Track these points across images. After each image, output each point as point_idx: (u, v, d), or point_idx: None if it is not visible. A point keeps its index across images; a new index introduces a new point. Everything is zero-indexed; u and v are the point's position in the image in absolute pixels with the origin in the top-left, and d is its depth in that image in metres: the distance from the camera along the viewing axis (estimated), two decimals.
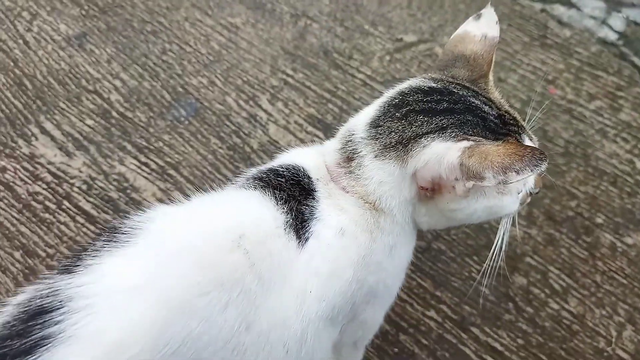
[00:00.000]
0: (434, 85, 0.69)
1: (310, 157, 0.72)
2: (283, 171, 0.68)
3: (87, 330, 0.51)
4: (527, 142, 0.68)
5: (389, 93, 0.71)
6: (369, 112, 0.70)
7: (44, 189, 1.15)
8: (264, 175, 0.68)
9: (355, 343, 0.77)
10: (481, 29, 0.74)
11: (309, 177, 0.68)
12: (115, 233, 0.58)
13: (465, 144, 0.59)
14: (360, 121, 0.70)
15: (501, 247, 0.74)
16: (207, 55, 1.39)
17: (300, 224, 0.62)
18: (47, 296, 0.53)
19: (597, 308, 1.05)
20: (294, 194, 0.65)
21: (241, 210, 0.63)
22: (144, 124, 1.25)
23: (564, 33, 1.51)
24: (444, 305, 1.03)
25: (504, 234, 0.74)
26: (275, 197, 0.64)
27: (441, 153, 0.60)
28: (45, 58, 1.36)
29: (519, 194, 0.68)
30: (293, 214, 0.63)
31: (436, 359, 0.97)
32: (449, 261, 1.09)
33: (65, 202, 1.13)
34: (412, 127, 0.64)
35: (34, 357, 0.49)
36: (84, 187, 1.16)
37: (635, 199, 1.21)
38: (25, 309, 0.53)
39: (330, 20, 1.49)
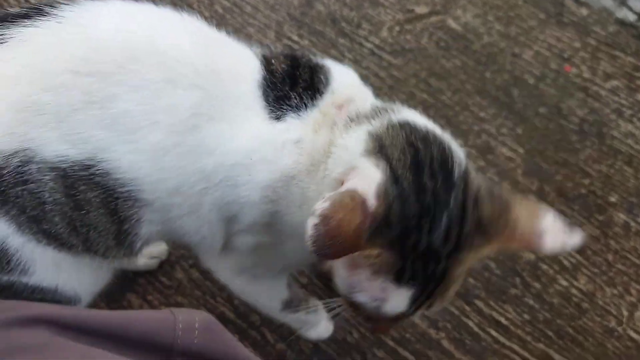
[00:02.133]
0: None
1: (340, 70, 0.65)
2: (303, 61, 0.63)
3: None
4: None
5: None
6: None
7: None
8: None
9: (240, 269, 0.70)
10: (550, 226, 0.55)
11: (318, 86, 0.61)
12: None
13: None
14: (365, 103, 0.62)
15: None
16: (210, 19, 1.30)
17: (275, 101, 0.58)
18: None
19: (608, 287, 1.00)
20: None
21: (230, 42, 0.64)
22: None
23: (580, 12, 1.46)
24: None
25: None
26: (265, 68, 0.61)
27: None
28: None
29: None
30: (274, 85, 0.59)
31: (437, 329, 0.92)
32: None
33: None
34: None
35: None
36: None
37: None
38: None
39: None
